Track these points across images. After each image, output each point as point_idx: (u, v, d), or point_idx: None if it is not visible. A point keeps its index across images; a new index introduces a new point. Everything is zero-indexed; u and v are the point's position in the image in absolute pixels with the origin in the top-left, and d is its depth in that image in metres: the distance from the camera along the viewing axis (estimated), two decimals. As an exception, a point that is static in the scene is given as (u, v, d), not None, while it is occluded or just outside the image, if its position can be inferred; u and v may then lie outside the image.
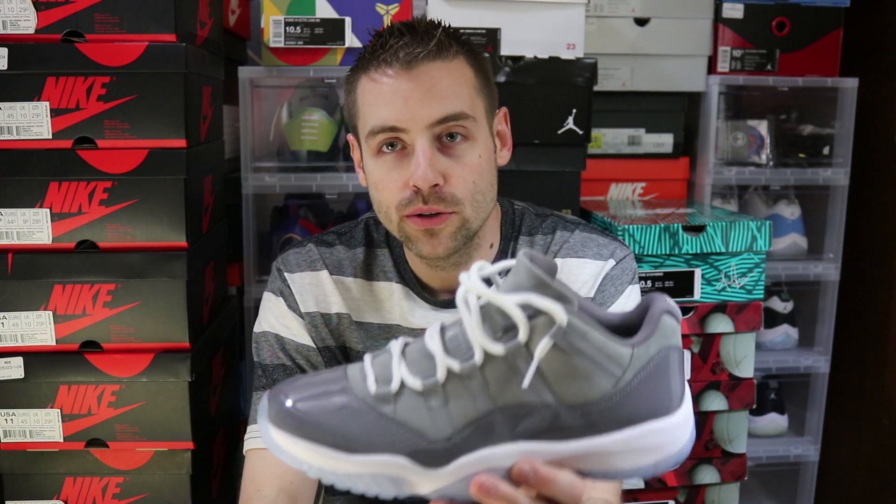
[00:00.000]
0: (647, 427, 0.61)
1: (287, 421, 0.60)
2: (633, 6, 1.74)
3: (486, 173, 0.97)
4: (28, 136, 1.20)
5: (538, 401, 0.60)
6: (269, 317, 1.07)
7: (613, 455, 0.62)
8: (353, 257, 1.08)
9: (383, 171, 0.96)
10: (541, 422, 0.60)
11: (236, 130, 1.64)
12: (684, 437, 0.63)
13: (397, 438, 0.60)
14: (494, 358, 0.60)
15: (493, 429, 0.60)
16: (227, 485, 1.58)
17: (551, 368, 0.60)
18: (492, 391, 0.60)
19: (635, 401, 0.61)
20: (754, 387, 1.54)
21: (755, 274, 1.51)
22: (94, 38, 1.20)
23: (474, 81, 0.97)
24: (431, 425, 0.60)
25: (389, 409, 0.61)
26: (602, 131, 1.80)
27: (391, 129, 0.93)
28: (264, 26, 1.50)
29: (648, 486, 1.55)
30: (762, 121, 1.86)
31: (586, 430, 0.61)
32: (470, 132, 0.95)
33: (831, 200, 1.81)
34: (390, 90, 0.93)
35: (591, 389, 0.60)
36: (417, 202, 0.94)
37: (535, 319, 0.60)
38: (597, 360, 0.60)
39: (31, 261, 1.22)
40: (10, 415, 1.25)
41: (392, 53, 0.92)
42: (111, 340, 1.25)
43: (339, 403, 0.61)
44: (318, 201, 1.71)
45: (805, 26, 1.78)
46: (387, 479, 0.60)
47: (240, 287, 1.64)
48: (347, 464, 0.60)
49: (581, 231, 1.09)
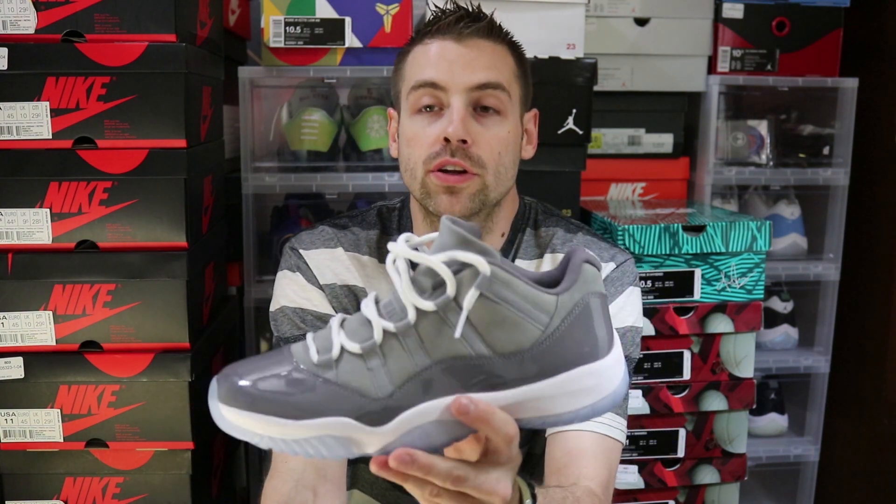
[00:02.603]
0: (580, 371, 0.65)
1: (236, 397, 0.63)
2: (633, 6, 1.74)
3: (511, 150, 1.03)
4: (28, 136, 1.20)
5: (472, 352, 0.63)
6: (288, 292, 1.07)
7: (550, 400, 0.65)
8: (368, 238, 1.11)
9: (417, 127, 1.02)
10: (477, 373, 0.63)
11: (236, 130, 1.64)
12: (616, 379, 0.67)
13: (341, 400, 0.63)
14: (426, 314, 0.63)
15: (432, 383, 0.63)
16: (227, 485, 1.58)
17: (481, 319, 0.63)
18: (427, 346, 0.63)
19: (565, 346, 0.64)
20: (754, 387, 1.54)
21: (755, 274, 1.51)
22: (94, 38, 1.20)
23: (514, 68, 1.04)
24: (372, 385, 0.63)
25: (332, 374, 0.63)
26: (602, 131, 1.80)
27: (432, 85, 1.00)
28: (264, 26, 1.50)
29: (648, 486, 1.55)
30: (762, 121, 1.86)
31: (521, 378, 0.64)
32: (503, 106, 1.02)
33: (831, 200, 1.81)
34: (438, 53, 1.01)
35: (522, 337, 0.63)
36: (445, 154, 0.99)
37: (461, 274, 0.63)
38: (523, 309, 0.63)
39: (31, 261, 1.22)
40: (10, 415, 1.25)
41: (447, 25, 1.01)
42: (111, 340, 1.25)
43: (284, 375, 0.64)
44: (318, 201, 1.71)
45: (805, 26, 1.78)
46: (334, 439, 0.63)
47: (240, 287, 1.64)
48: (295, 429, 0.62)
49: (584, 234, 1.12)
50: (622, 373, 0.67)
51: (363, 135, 1.59)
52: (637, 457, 1.54)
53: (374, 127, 1.58)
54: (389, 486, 1.16)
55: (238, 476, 1.72)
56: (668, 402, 1.52)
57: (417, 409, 0.63)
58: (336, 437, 0.63)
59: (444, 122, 0.99)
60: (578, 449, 0.96)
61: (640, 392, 1.50)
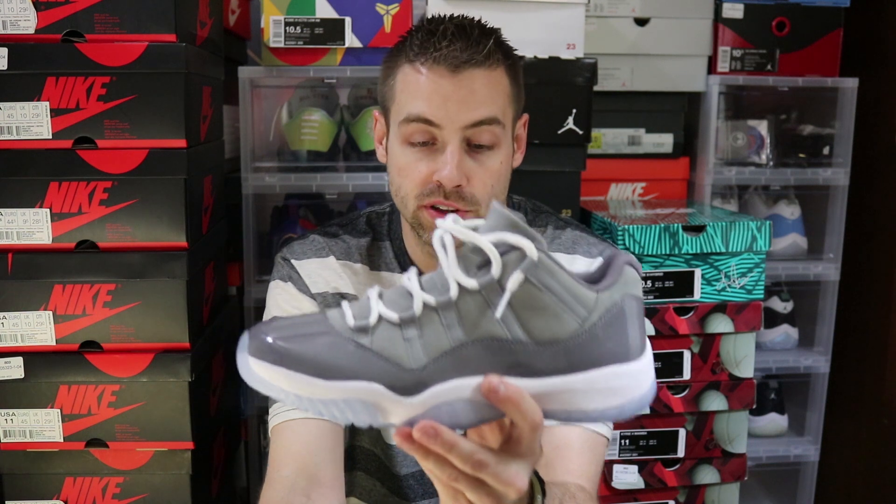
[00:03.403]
0: (611, 370, 0.65)
1: (266, 352, 0.63)
2: (633, 6, 1.74)
3: (503, 178, 1.02)
4: (28, 136, 1.20)
5: (509, 335, 0.63)
6: (280, 301, 1.08)
7: (580, 394, 0.65)
8: (359, 245, 1.11)
9: (410, 160, 0.99)
10: (512, 357, 0.63)
11: (236, 130, 1.64)
12: (646, 384, 0.67)
13: (373, 366, 0.63)
14: (469, 292, 0.63)
15: (467, 361, 0.63)
16: (227, 485, 1.58)
17: (522, 303, 0.63)
18: (466, 324, 0.63)
19: (601, 343, 0.64)
20: (754, 387, 1.54)
21: (755, 274, 1.51)
22: (94, 38, 1.20)
23: (509, 90, 1.01)
24: (407, 355, 0.63)
25: (367, 340, 0.63)
26: (602, 131, 1.80)
27: (426, 122, 0.97)
28: (264, 26, 1.50)
29: (648, 486, 1.55)
30: (762, 121, 1.86)
31: (553, 368, 0.64)
32: (497, 138, 0.99)
33: (831, 200, 1.81)
34: (432, 86, 0.96)
35: (559, 327, 0.64)
36: (438, 195, 0.98)
37: (508, 255, 0.63)
38: (564, 299, 0.64)
39: (31, 261, 1.22)
40: (10, 415, 1.25)
41: (442, 55, 0.95)
42: (111, 340, 1.25)
43: (318, 335, 0.63)
44: (318, 201, 1.72)
45: (805, 26, 1.78)
46: (361, 404, 0.63)
47: (240, 287, 1.64)
48: (323, 389, 0.62)
49: (573, 230, 1.12)
50: (651, 379, 0.67)
51: (363, 135, 1.59)
52: (637, 457, 1.54)
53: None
54: (387, 491, 1.15)
55: (238, 476, 1.72)
56: (668, 402, 1.52)
57: (448, 384, 0.63)
58: (364, 402, 0.63)
59: (438, 164, 0.97)
60: (565, 444, 0.96)
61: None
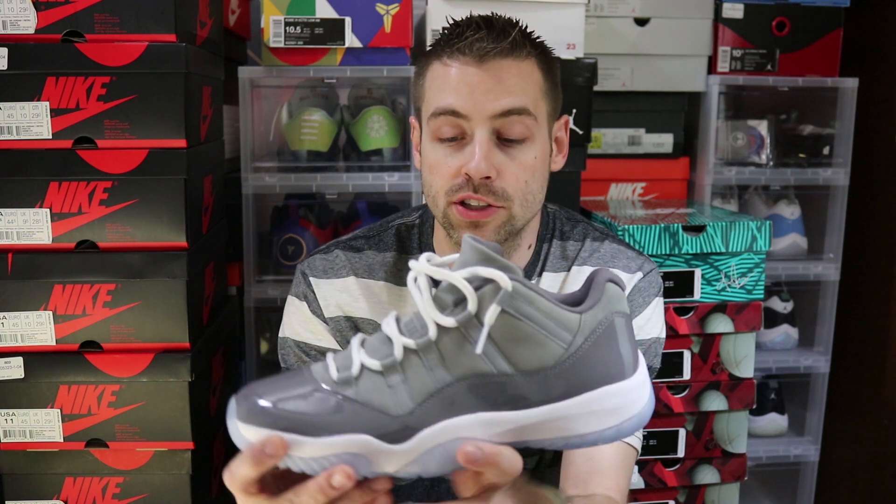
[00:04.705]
0: (604, 391, 0.64)
1: (256, 416, 0.62)
2: (633, 6, 1.74)
3: (539, 175, 0.98)
4: (28, 136, 1.20)
5: (494, 369, 0.62)
6: (293, 321, 1.07)
7: (574, 419, 0.64)
8: (384, 261, 1.08)
9: (439, 156, 0.97)
10: (499, 391, 0.63)
11: (236, 130, 1.64)
12: (642, 400, 0.66)
13: (360, 418, 0.62)
14: (448, 330, 0.63)
15: (454, 400, 0.63)
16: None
17: (502, 335, 0.62)
18: (448, 363, 0.63)
19: (589, 365, 0.63)
20: (754, 387, 1.54)
21: (755, 274, 1.51)
22: (94, 38, 1.20)
23: (541, 84, 0.98)
24: (392, 402, 0.63)
25: (351, 392, 0.63)
26: (602, 131, 1.80)
27: (453, 114, 0.94)
28: (264, 26, 1.50)
29: (648, 486, 1.55)
30: (762, 121, 1.86)
31: (544, 397, 0.63)
32: (529, 131, 0.96)
33: (831, 200, 1.81)
34: (458, 77, 0.94)
35: (545, 355, 0.63)
36: (467, 189, 0.95)
37: (483, 290, 0.63)
38: (545, 326, 0.63)
39: (31, 261, 1.22)
40: (10, 415, 1.25)
41: (467, 45, 0.94)
42: (111, 340, 1.25)
43: (304, 393, 0.63)
44: (318, 201, 1.71)
45: (805, 26, 1.78)
46: (352, 457, 0.62)
47: (240, 287, 1.64)
48: (314, 447, 0.62)
49: (611, 242, 1.09)
50: (648, 394, 0.66)
51: (363, 135, 1.59)
52: (637, 457, 1.53)
53: (374, 127, 1.58)
54: None
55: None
56: (668, 402, 1.52)
57: (437, 426, 0.62)
58: (355, 455, 0.62)
59: (467, 156, 0.94)
60: (601, 457, 0.96)
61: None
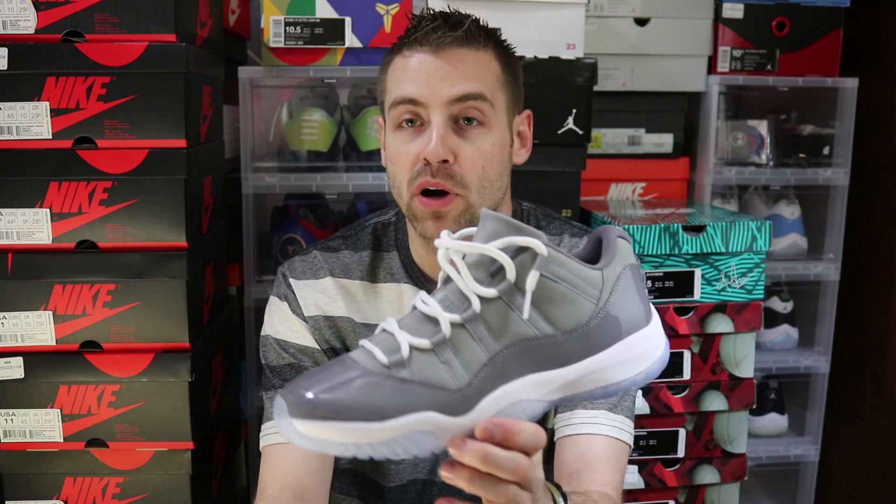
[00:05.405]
0: (632, 338, 0.69)
1: (309, 409, 0.61)
2: (633, 6, 1.74)
3: (496, 162, 1.00)
4: (28, 136, 1.20)
5: (538, 332, 0.66)
6: (274, 321, 1.10)
7: (611, 370, 0.68)
8: (360, 260, 1.11)
9: (399, 144, 0.99)
10: (545, 352, 0.66)
11: (236, 130, 1.64)
12: (662, 343, 0.72)
13: (421, 396, 0.63)
14: (490, 301, 0.66)
15: (505, 367, 0.65)
16: (227, 485, 1.58)
17: (542, 299, 0.66)
18: (495, 332, 0.65)
19: (616, 317, 0.69)
20: (754, 387, 1.54)
21: (755, 274, 1.51)
22: (94, 38, 1.19)
23: (499, 74, 1.00)
24: (449, 376, 0.64)
25: (406, 373, 0.64)
26: (602, 131, 1.80)
27: (410, 102, 0.97)
28: (264, 26, 1.50)
29: (648, 486, 1.55)
30: (762, 121, 1.86)
31: (583, 352, 0.67)
32: (486, 117, 0.98)
33: (831, 200, 1.81)
34: (416, 66, 0.97)
35: (579, 312, 0.67)
36: (426, 174, 0.96)
37: (518, 258, 0.66)
38: (576, 285, 0.67)
39: (31, 261, 1.22)
40: (10, 415, 1.25)
41: (424, 35, 0.97)
42: (111, 340, 1.25)
43: (356, 380, 0.63)
44: (318, 201, 1.71)
45: (805, 26, 1.78)
46: (421, 434, 0.63)
47: (240, 287, 1.64)
48: (381, 432, 0.62)
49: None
50: (664, 338, 0.72)
51: (363, 135, 1.59)
52: (637, 457, 1.53)
53: (374, 127, 1.58)
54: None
55: (238, 476, 1.72)
56: (668, 402, 1.52)
57: (495, 394, 0.65)
58: (423, 433, 0.63)
59: (424, 141, 0.96)
60: (591, 454, 0.96)
61: (640, 392, 1.50)
